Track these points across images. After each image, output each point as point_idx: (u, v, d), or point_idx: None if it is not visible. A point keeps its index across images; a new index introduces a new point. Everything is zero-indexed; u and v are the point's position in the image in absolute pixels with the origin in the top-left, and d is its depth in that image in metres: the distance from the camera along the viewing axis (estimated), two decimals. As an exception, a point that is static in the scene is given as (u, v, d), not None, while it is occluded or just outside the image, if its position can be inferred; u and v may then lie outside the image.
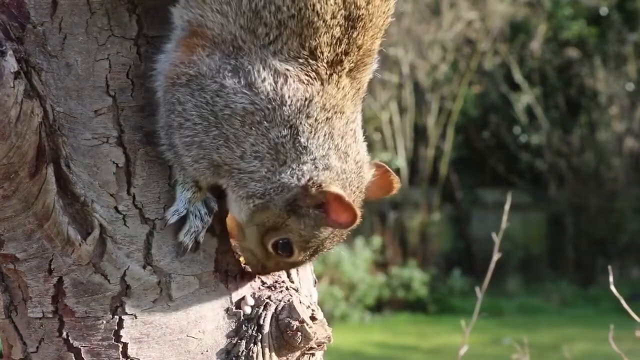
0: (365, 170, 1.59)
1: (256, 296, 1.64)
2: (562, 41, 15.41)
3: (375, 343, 10.91)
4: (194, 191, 1.55)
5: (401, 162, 14.37)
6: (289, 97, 1.47)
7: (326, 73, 1.49)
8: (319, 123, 1.49)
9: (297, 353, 1.64)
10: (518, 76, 15.04)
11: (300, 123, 1.48)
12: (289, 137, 1.48)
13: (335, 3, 1.46)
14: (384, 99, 14.34)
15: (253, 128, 1.48)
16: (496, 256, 2.87)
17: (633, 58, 15.11)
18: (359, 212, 1.50)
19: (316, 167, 1.50)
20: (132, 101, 1.55)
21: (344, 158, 1.53)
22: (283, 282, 1.67)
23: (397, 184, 1.65)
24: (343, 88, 1.51)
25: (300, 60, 1.47)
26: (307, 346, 1.62)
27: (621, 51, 15.15)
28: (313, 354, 1.67)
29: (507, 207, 2.96)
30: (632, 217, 14.73)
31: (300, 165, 1.50)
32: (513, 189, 9.56)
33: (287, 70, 1.47)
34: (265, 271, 1.63)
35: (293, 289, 1.67)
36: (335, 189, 1.50)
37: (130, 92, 1.55)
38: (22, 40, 1.52)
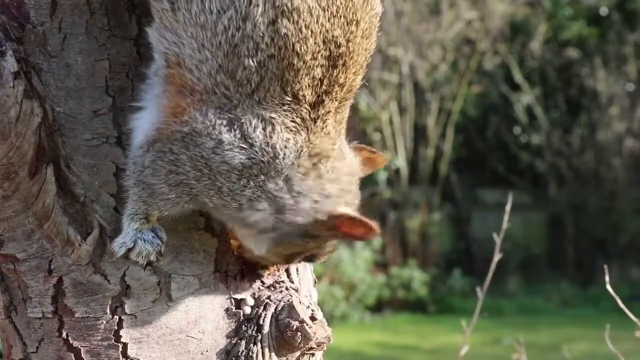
0: (355, 171, 1.59)
1: (256, 296, 1.64)
2: (562, 41, 15.41)
3: (375, 343, 10.90)
4: (142, 222, 1.53)
5: (401, 162, 14.37)
6: (280, 148, 1.45)
7: (310, 118, 1.46)
8: (309, 170, 1.48)
9: (297, 353, 1.64)
10: (518, 76, 15.04)
11: (293, 173, 1.47)
12: (285, 188, 1.47)
13: (315, 43, 1.42)
14: (384, 99, 14.34)
15: (250, 181, 1.46)
16: (497, 257, 2.87)
17: (633, 58, 15.11)
18: (374, 225, 1.51)
19: (316, 202, 1.50)
20: (132, 101, 1.55)
21: (337, 182, 1.53)
22: (283, 282, 1.67)
23: (382, 158, 1.66)
24: (328, 133, 1.49)
25: (285, 107, 1.44)
26: (306, 346, 1.62)
27: (621, 51, 15.14)
28: (313, 354, 1.67)
29: (508, 207, 2.96)
30: (632, 217, 14.72)
31: (300, 207, 1.49)
32: (513, 189, 9.56)
33: (273, 118, 1.44)
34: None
35: (293, 289, 1.67)
36: (342, 210, 1.51)
37: (130, 92, 1.55)
38: (22, 40, 1.52)
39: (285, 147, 1.45)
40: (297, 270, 1.72)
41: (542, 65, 15.30)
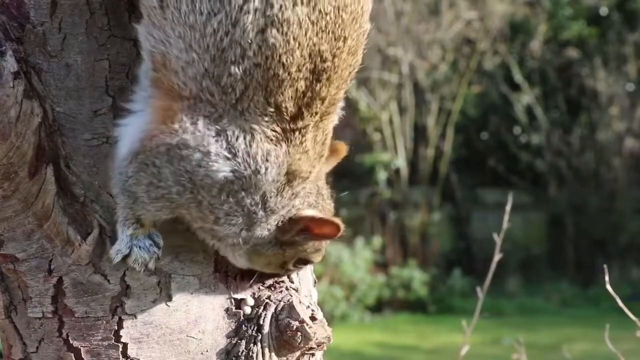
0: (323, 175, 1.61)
1: (256, 296, 1.64)
2: (562, 41, 15.41)
3: (375, 343, 10.91)
4: (135, 228, 1.53)
5: (401, 162, 14.37)
6: (261, 160, 1.45)
7: (290, 129, 1.46)
8: (284, 186, 1.49)
9: (297, 353, 1.63)
10: (518, 76, 15.04)
11: (270, 189, 1.48)
12: (260, 203, 1.48)
13: (301, 56, 1.42)
14: (384, 99, 14.34)
15: (230, 197, 1.47)
16: (497, 257, 2.87)
17: (633, 58, 15.11)
18: (338, 221, 1.54)
19: (280, 215, 1.52)
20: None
21: (300, 194, 1.54)
22: (283, 282, 1.67)
23: (343, 146, 1.65)
24: (307, 151, 1.49)
25: (267, 118, 1.44)
26: (306, 346, 1.62)
27: (621, 51, 15.14)
28: (313, 354, 1.67)
29: (508, 207, 2.96)
30: (632, 217, 14.72)
31: (269, 221, 1.51)
32: (513, 189, 9.56)
33: (254, 129, 1.44)
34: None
35: (293, 289, 1.67)
36: (304, 212, 1.53)
37: (130, 92, 1.55)
38: (21, 40, 1.52)
39: (267, 160, 1.45)
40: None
41: (542, 65, 15.30)
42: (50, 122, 1.52)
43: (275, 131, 1.45)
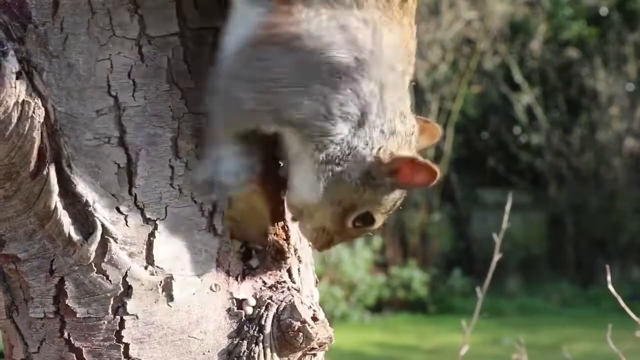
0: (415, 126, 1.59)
1: (258, 296, 1.64)
2: (562, 41, 15.41)
3: (375, 343, 10.91)
4: (232, 140, 1.52)
5: (401, 162, 14.35)
6: (378, 47, 1.46)
7: (401, 17, 1.49)
8: (398, 77, 1.50)
9: (299, 353, 1.64)
10: (518, 76, 15.04)
11: (388, 78, 1.48)
12: (378, 94, 1.47)
13: None
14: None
15: (348, 86, 1.45)
16: (497, 257, 2.87)
17: (633, 58, 15.11)
18: (436, 168, 1.50)
19: (383, 133, 1.49)
20: (134, 101, 1.55)
21: (404, 121, 1.53)
22: (284, 282, 1.67)
23: (438, 130, 1.66)
24: (412, 33, 1.51)
25: (380, 8, 1.47)
26: (308, 346, 1.62)
27: (621, 51, 15.14)
28: (314, 355, 1.67)
29: (507, 207, 2.96)
30: (632, 217, 14.73)
31: (373, 130, 1.49)
32: (513, 189, 9.56)
33: (373, 18, 1.46)
34: (333, 244, 1.62)
35: (295, 289, 1.67)
36: (406, 152, 1.50)
37: (131, 92, 1.55)
38: (23, 40, 1.52)
39: (387, 44, 1.46)
40: (298, 271, 1.72)
41: (542, 65, 15.30)
42: (52, 122, 1.52)
43: (388, 18, 1.46)
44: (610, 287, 2.46)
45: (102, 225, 1.54)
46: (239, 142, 1.54)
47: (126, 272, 1.55)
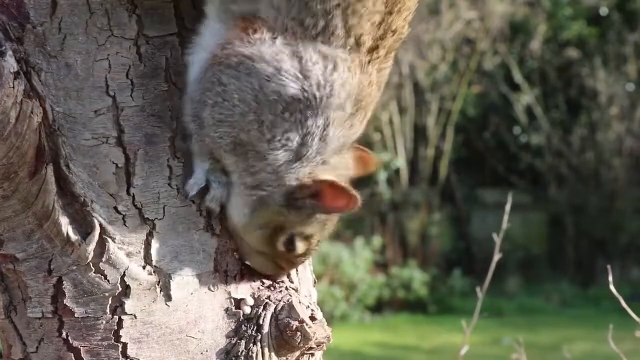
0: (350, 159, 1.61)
1: (255, 296, 1.64)
2: (562, 41, 15.41)
3: (375, 343, 10.91)
4: (212, 162, 1.55)
5: (401, 162, 14.38)
6: (338, 86, 1.47)
7: (366, 62, 1.50)
8: (346, 118, 1.51)
9: (297, 353, 1.64)
10: (518, 76, 15.04)
11: (334, 116, 1.49)
12: (321, 129, 1.49)
13: None
14: (384, 99, 14.33)
15: (293, 115, 1.48)
16: (497, 257, 2.87)
17: (633, 58, 15.11)
18: (356, 193, 1.52)
19: (316, 165, 1.53)
20: (132, 101, 1.55)
21: (341, 153, 1.56)
22: (282, 282, 1.67)
23: (374, 160, 1.68)
24: (375, 81, 1.53)
25: (347, 51, 1.48)
26: (306, 346, 1.62)
27: (621, 51, 15.14)
28: (312, 354, 1.67)
29: (507, 207, 2.96)
30: (632, 217, 14.72)
31: (309, 163, 1.52)
32: (513, 189, 9.56)
33: (339, 57, 1.47)
34: (283, 272, 1.65)
35: (292, 289, 1.67)
36: (326, 176, 1.52)
37: (129, 92, 1.55)
38: (21, 40, 1.52)
39: (343, 84, 1.47)
40: (296, 270, 1.72)
41: (542, 65, 15.30)
42: (50, 122, 1.53)
43: (354, 61, 1.48)
44: (612, 287, 2.46)
45: (100, 225, 1.54)
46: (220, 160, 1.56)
47: (124, 272, 1.55)
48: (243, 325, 1.61)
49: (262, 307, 1.62)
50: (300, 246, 1.60)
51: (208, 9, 1.53)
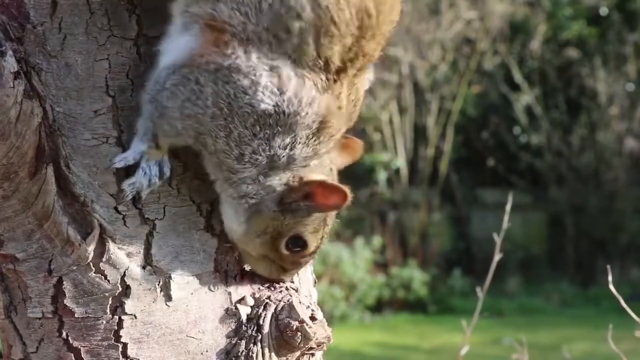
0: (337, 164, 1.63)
1: (256, 296, 1.64)
2: (562, 41, 15.40)
3: (375, 343, 10.91)
4: (150, 146, 1.53)
5: (401, 162, 14.37)
6: (305, 104, 1.48)
7: (333, 82, 1.51)
8: (312, 136, 1.51)
9: (297, 353, 1.64)
10: (518, 76, 15.03)
11: (301, 134, 1.50)
12: (289, 146, 1.50)
13: (350, 13, 1.47)
14: (384, 99, 14.34)
15: (262, 131, 1.49)
16: (497, 257, 2.87)
17: (633, 58, 15.11)
18: (347, 189, 1.54)
19: (297, 170, 1.54)
20: (132, 101, 1.55)
21: (321, 160, 1.57)
22: (283, 282, 1.67)
23: (358, 143, 1.68)
24: (341, 107, 1.53)
25: (316, 70, 1.49)
26: (306, 346, 1.62)
27: (621, 51, 15.14)
28: (313, 354, 1.67)
29: (508, 207, 2.96)
30: (632, 217, 14.72)
31: (286, 171, 1.53)
32: (513, 189, 9.56)
33: (306, 76, 1.48)
34: (286, 275, 1.66)
35: (293, 289, 1.67)
36: (315, 176, 1.54)
37: (130, 92, 1.55)
38: (21, 40, 1.52)
39: (310, 103, 1.48)
40: (297, 270, 1.72)
41: (542, 65, 15.30)
42: (50, 122, 1.53)
43: (322, 80, 1.49)
44: (611, 287, 2.46)
45: (100, 225, 1.54)
46: (162, 147, 1.55)
47: (124, 272, 1.55)
48: (243, 326, 1.61)
49: (262, 307, 1.62)
50: (311, 242, 1.61)
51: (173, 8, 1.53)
